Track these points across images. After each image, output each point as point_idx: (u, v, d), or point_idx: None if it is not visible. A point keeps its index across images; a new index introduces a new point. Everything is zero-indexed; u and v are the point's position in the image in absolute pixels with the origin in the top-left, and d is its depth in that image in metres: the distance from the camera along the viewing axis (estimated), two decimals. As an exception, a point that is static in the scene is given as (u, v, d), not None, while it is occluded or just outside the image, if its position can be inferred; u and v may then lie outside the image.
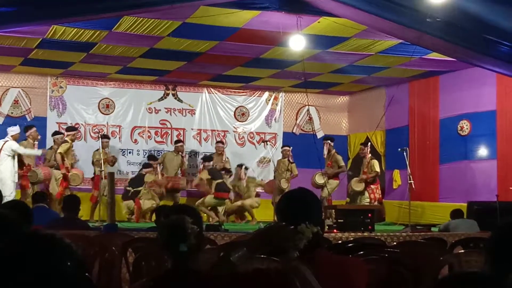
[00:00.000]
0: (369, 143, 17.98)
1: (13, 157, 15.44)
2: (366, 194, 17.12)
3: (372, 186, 17.11)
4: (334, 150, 17.46)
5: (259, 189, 18.02)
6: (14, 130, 15.85)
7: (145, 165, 17.57)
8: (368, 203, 16.63)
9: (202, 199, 16.93)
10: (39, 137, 16.43)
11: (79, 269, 2.07)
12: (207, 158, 17.99)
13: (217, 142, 18.92)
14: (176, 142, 18.47)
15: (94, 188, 16.70)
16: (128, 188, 16.96)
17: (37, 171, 15.76)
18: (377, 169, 17.17)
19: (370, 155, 17.48)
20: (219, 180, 17.08)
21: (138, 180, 17.10)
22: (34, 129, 16.28)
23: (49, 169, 16.05)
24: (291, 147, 18.26)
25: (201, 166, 18.08)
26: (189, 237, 3.53)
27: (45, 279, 2.00)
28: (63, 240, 2.09)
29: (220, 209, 17.17)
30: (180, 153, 18.16)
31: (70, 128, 17.15)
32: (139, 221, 16.01)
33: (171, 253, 3.53)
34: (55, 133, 16.83)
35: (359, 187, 17.21)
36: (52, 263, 2.03)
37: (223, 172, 17.60)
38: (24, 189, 15.70)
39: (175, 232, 3.55)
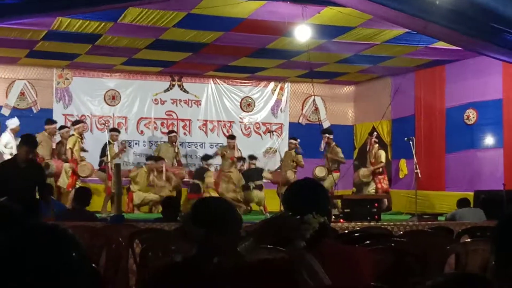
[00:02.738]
0: (375, 133, 17.94)
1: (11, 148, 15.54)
2: (373, 184, 17.11)
3: (379, 176, 17.11)
4: (333, 143, 17.36)
5: (265, 180, 17.96)
6: (13, 123, 15.88)
7: (149, 158, 17.65)
8: (374, 193, 16.62)
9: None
10: (56, 133, 16.54)
11: (84, 260, 2.08)
12: (206, 157, 17.92)
13: (228, 137, 18.67)
14: (170, 132, 18.40)
15: (109, 179, 16.64)
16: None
17: (50, 163, 15.80)
18: (383, 159, 17.16)
19: (377, 145, 17.46)
20: (196, 181, 17.09)
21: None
22: (55, 125, 16.37)
23: (62, 162, 16.13)
24: (298, 140, 18.15)
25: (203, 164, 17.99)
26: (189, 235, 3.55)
27: (52, 270, 2.01)
28: (67, 231, 2.10)
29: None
30: (174, 143, 18.11)
31: (76, 122, 17.12)
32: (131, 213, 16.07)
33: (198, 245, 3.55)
34: (61, 127, 16.80)
35: (366, 177, 17.20)
36: (58, 254, 2.03)
37: (236, 160, 17.61)
38: None
39: (183, 230, 3.59)
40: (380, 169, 17.15)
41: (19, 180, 9.46)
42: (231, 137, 18.54)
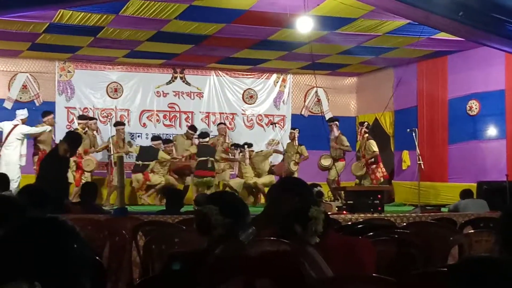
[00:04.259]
0: (366, 123, 17.87)
1: (22, 141, 15.52)
2: (367, 176, 16.99)
3: (372, 166, 16.97)
4: (339, 131, 17.37)
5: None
6: (24, 114, 15.89)
7: (155, 138, 17.74)
8: (369, 185, 16.52)
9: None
10: (55, 124, 16.57)
11: (86, 252, 2.09)
12: (203, 135, 17.85)
13: (219, 123, 18.81)
14: (190, 128, 18.40)
15: (111, 173, 16.68)
16: (137, 162, 16.97)
17: None
18: (375, 149, 16.97)
19: (367, 135, 17.34)
20: (203, 158, 17.01)
21: (148, 154, 17.10)
22: (51, 116, 16.39)
23: None
24: (297, 129, 18.15)
25: (196, 142, 17.90)
26: (215, 227, 3.63)
27: (52, 262, 2.01)
28: (66, 223, 2.11)
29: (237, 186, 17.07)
30: (190, 139, 18.13)
31: (82, 117, 17.18)
32: (144, 194, 16.14)
33: (208, 238, 3.69)
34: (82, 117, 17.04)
35: (359, 171, 17.14)
36: (58, 245, 2.04)
37: (233, 148, 17.60)
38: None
39: (202, 222, 3.67)
40: (373, 159, 17.01)
41: (63, 171, 10.03)
42: (221, 123, 18.72)
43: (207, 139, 17.58)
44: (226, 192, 4.22)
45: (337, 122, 17.54)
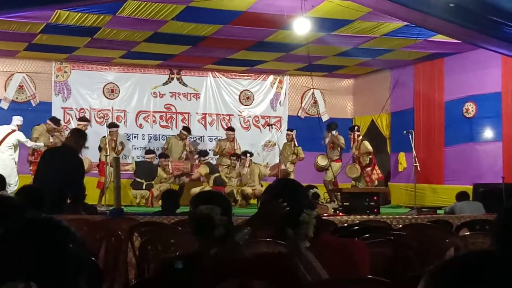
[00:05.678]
0: (356, 127, 17.71)
1: (16, 147, 15.50)
2: (362, 179, 16.92)
3: (367, 168, 16.92)
4: (336, 133, 17.32)
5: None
6: (20, 120, 15.83)
7: (149, 152, 17.83)
8: (365, 187, 16.46)
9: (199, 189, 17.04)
10: (55, 133, 16.50)
11: (81, 252, 2.08)
12: (203, 153, 17.86)
13: (227, 129, 18.76)
14: (184, 129, 18.39)
15: (100, 174, 16.68)
16: (139, 180, 16.95)
17: None
18: (369, 148, 16.90)
19: (360, 137, 17.23)
20: (217, 174, 17.13)
21: (145, 170, 17.15)
22: (54, 126, 16.19)
23: None
24: (294, 131, 18.13)
25: (197, 162, 17.86)
26: (217, 227, 3.65)
27: (48, 262, 2.01)
28: (62, 223, 2.11)
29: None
30: (183, 139, 18.12)
31: (82, 119, 17.15)
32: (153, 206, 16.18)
33: (200, 239, 3.71)
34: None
35: (354, 173, 17.06)
36: (54, 246, 2.04)
37: (233, 158, 17.59)
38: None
39: (204, 223, 3.69)
40: (368, 161, 16.94)
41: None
42: (231, 129, 18.61)
43: (207, 157, 17.63)
44: (218, 193, 4.25)
45: (333, 132, 17.30)
